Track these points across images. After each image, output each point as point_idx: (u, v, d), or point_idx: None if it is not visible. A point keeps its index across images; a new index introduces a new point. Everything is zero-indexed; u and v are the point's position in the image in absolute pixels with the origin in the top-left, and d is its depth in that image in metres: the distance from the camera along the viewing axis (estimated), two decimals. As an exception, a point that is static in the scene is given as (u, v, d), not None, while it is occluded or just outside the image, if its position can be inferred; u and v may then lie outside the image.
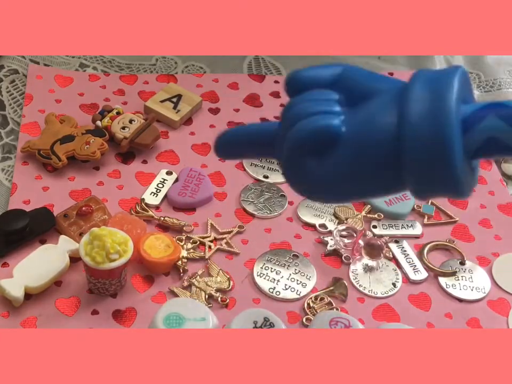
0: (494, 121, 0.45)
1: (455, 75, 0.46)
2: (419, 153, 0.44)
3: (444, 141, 0.44)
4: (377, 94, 0.49)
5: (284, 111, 0.51)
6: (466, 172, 0.46)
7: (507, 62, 1.02)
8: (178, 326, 0.61)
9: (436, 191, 0.47)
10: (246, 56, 0.98)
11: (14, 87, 0.89)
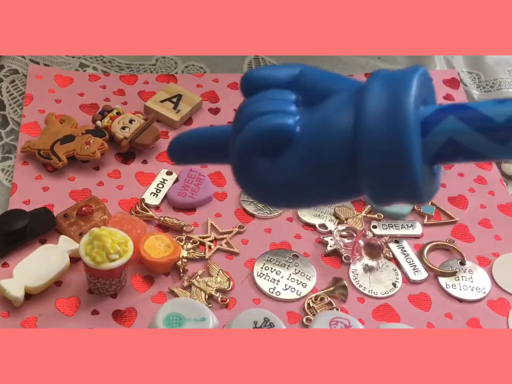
0: (455, 123, 0.43)
1: (414, 75, 0.44)
2: (376, 155, 0.42)
3: (401, 142, 0.42)
4: (334, 93, 0.47)
5: (236, 113, 0.48)
6: (425, 176, 0.44)
7: (507, 62, 1.02)
8: (178, 326, 0.61)
9: (393, 195, 0.44)
10: (246, 56, 0.98)
11: (14, 87, 0.89)
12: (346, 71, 0.98)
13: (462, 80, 0.99)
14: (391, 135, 0.42)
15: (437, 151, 0.43)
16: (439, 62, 1.01)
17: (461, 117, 0.42)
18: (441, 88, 0.97)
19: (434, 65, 1.01)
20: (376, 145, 0.42)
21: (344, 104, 0.45)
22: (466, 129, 0.42)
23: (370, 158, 0.42)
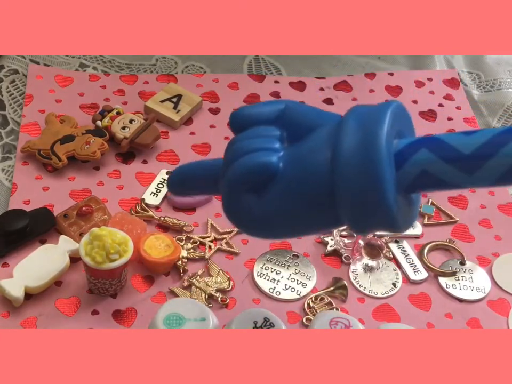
0: (425, 154, 0.45)
1: (387, 110, 0.46)
2: (352, 188, 0.45)
3: (375, 175, 0.44)
4: (315, 129, 0.49)
5: (226, 149, 0.51)
6: (401, 205, 0.46)
7: (507, 62, 1.02)
8: (178, 326, 0.61)
9: (371, 225, 0.47)
10: (246, 56, 0.98)
11: (14, 87, 0.89)
12: (346, 71, 0.98)
13: (462, 80, 0.99)
14: (365, 169, 0.44)
15: (411, 182, 0.46)
16: (439, 62, 1.01)
17: (432, 149, 0.45)
18: (441, 88, 0.97)
19: (434, 65, 1.01)
20: (351, 179, 0.45)
21: (322, 140, 0.47)
22: (437, 160, 0.45)
23: (347, 191, 0.45)
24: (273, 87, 0.94)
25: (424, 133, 0.92)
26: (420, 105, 0.94)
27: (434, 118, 0.93)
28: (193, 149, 0.85)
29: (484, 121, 0.94)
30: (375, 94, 0.95)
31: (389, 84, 0.97)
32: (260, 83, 0.94)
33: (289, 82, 0.95)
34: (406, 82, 0.97)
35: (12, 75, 0.90)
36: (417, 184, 0.47)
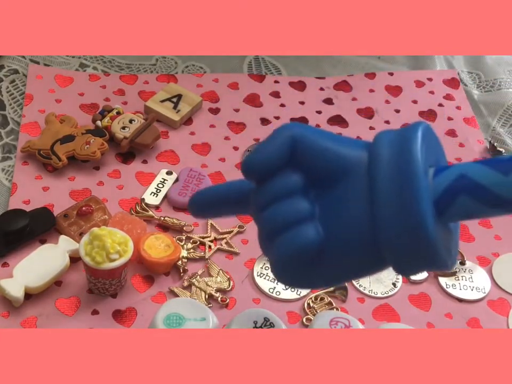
0: (467, 202, 0.45)
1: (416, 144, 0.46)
2: (397, 246, 0.45)
3: (419, 230, 0.44)
4: (341, 177, 0.48)
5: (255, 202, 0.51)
6: (445, 247, 0.47)
7: (507, 62, 1.02)
8: (178, 326, 0.61)
9: (418, 265, 0.47)
10: (246, 56, 0.98)
11: (14, 87, 0.89)
12: (346, 71, 0.98)
13: (462, 80, 0.99)
14: (409, 228, 0.44)
15: (453, 220, 0.48)
16: (439, 62, 1.01)
17: (474, 196, 0.45)
18: (441, 88, 0.97)
19: (434, 65, 1.01)
20: (395, 237, 0.45)
21: (356, 192, 0.47)
22: (481, 207, 0.45)
23: (393, 250, 0.46)
24: (273, 87, 0.94)
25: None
26: (420, 105, 0.94)
27: (434, 118, 0.93)
28: (193, 149, 0.85)
29: (484, 121, 0.94)
30: (375, 94, 0.95)
31: (389, 84, 0.97)
32: (260, 83, 0.94)
33: (289, 82, 0.95)
34: (406, 82, 0.97)
35: (12, 75, 0.90)
36: (460, 220, 0.48)
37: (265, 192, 0.50)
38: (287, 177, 0.49)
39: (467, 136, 0.91)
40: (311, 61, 0.99)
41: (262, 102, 0.92)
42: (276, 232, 0.49)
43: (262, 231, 0.50)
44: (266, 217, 0.50)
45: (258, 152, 0.50)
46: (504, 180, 0.44)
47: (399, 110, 0.93)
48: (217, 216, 0.60)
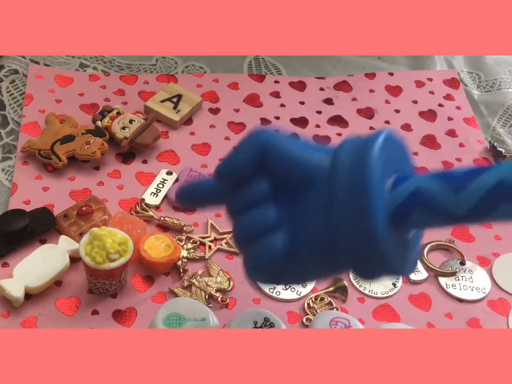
0: (421, 215, 0.48)
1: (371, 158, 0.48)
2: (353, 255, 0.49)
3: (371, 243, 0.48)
4: (306, 185, 0.51)
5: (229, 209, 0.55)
6: (399, 255, 0.50)
7: (507, 62, 1.02)
8: (178, 326, 0.61)
9: (372, 270, 0.51)
10: (246, 56, 0.98)
11: (14, 87, 0.89)
12: (346, 71, 0.98)
13: (462, 80, 0.99)
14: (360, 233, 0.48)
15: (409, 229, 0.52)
16: (439, 62, 1.01)
17: (428, 208, 0.48)
18: (441, 88, 0.97)
19: (434, 65, 1.01)
20: (349, 245, 0.49)
21: (319, 204, 0.50)
22: (434, 220, 0.49)
23: (348, 256, 0.49)
24: (273, 87, 0.94)
25: (424, 133, 0.92)
26: (420, 105, 0.94)
27: (434, 118, 0.93)
28: (193, 149, 0.84)
29: (484, 121, 0.94)
30: (375, 94, 0.95)
31: (389, 84, 0.97)
32: (260, 83, 0.94)
33: (289, 82, 0.95)
34: (406, 82, 0.97)
35: (12, 75, 0.90)
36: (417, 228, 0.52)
37: (237, 200, 0.54)
38: (257, 185, 0.53)
39: (467, 136, 0.91)
40: (311, 61, 0.99)
41: (262, 102, 0.92)
42: (246, 241, 0.54)
43: (235, 236, 0.55)
44: (237, 226, 0.54)
45: (229, 160, 0.54)
46: (455, 198, 0.47)
47: (399, 110, 0.93)
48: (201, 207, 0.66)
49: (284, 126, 0.89)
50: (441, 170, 0.51)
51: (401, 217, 0.49)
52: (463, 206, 0.47)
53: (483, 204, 0.47)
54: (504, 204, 0.46)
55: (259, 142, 0.53)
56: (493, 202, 0.46)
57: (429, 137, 0.90)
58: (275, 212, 0.52)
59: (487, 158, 0.88)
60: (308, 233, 0.51)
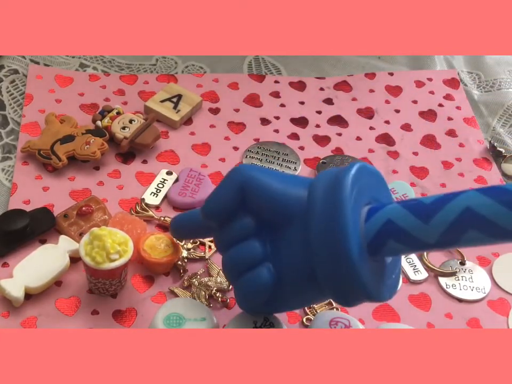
0: (395, 245, 0.52)
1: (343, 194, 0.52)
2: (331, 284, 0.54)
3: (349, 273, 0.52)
4: (286, 220, 0.56)
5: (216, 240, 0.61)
6: (377, 281, 0.54)
7: (507, 62, 1.02)
8: (178, 326, 0.61)
9: (350, 296, 0.55)
10: (246, 56, 0.98)
11: (14, 87, 0.89)
12: (346, 71, 0.98)
13: (462, 80, 0.99)
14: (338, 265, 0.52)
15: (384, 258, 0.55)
16: (439, 62, 1.01)
17: (400, 241, 0.52)
18: (441, 88, 0.97)
19: (434, 65, 1.01)
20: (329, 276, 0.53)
21: (298, 238, 0.55)
22: (405, 248, 0.53)
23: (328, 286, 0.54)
24: (273, 87, 0.94)
25: (424, 133, 0.92)
26: (420, 105, 0.94)
27: (434, 118, 0.93)
28: (193, 149, 0.85)
29: (484, 121, 0.94)
30: (375, 94, 0.95)
31: (389, 84, 0.97)
32: (260, 83, 0.94)
33: (289, 82, 0.95)
34: (406, 82, 0.97)
35: (12, 75, 0.90)
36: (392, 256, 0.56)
37: (223, 236, 0.59)
38: (241, 221, 0.57)
39: (467, 136, 0.91)
40: (311, 61, 0.99)
41: (262, 102, 0.92)
42: (235, 274, 0.58)
43: (224, 269, 0.60)
44: (226, 261, 0.59)
45: (212, 199, 0.59)
46: (425, 227, 0.50)
47: (399, 110, 0.93)
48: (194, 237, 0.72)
49: (283, 126, 0.89)
50: (411, 199, 0.55)
51: (376, 247, 0.52)
52: (433, 234, 0.50)
53: (451, 230, 0.49)
54: (472, 229, 0.48)
55: (240, 179, 0.57)
56: (461, 228, 0.49)
57: (429, 137, 0.90)
58: (259, 245, 0.57)
59: (487, 158, 0.88)
60: (291, 265, 0.55)
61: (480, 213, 0.48)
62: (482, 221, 0.48)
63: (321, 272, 0.54)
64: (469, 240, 0.49)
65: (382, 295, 0.55)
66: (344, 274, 0.52)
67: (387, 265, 0.56)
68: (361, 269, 0.51)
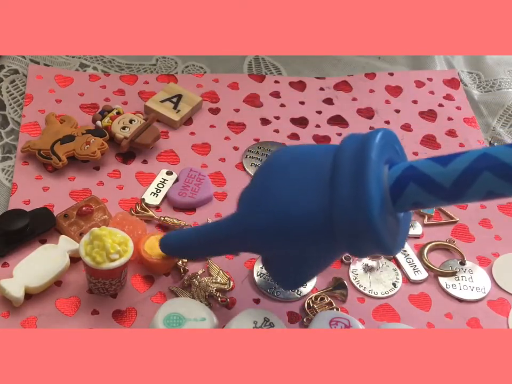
0: (414, 188, 0.54)
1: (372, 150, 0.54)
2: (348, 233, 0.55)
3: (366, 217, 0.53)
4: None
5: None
6: (390, 233, 0.55)
7: (507, 62, 1.02)
8: (178, 326, 0.61)
9: (365, 248, 0.56)
10: (246, 56, 0.98)
11: (14, 87, 0.89)
12: (346, 71, 0.98)
13: (462, 80, 0.99)
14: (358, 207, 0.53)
15: (405, 209, 0.57)
16: (439, 62, 1.01)
17: (419, 183, 0.54)
18: (441, 88, 0.97)
19: (434, 65, 1.01)
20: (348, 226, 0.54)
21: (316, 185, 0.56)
22: (425, 194, 0.54)
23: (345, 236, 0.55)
24: (273, 87, 0.94)
25: (424, 133, 0.92)
26: (420, 105, 0.94)
27: (434, 118, 0.93)
28: (193, 149, 0.85)
29: (484, 121, 0.94)
30: (375, 94, 0.95)
31: (389, 84, 0.97)
32: (260, 83, 0.94)
33: (289, 82, 0.95)
34: (406, 82, 0.97)
35: (12, 75, 0.90)
36: (411, 208, 0.57)
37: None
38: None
39: (467, 136, 0.91)
40: (311, 61, 0.99)
41: (262, 102, 0.92)
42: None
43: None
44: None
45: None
46: (443, 170, 0.53)
47: (399, 110, 0.93)
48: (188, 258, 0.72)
49: (284, 126, 0.89)
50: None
51: (396, 193, 0.54)
52: (450, 177, 0.52)
53: (468, 172, 0.52)
54: (486, 171, 0.51)
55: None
56: (477, 170, 0.51)
57: (429, 137, 0.90)
58: None
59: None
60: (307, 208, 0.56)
61: (496, 156, 0.51)
62: (497, 163, 0.51)
63: (341, 217, 0.54)
64: (482, 184, 0.52)
65: (393, 249, 0.57)
66: (363, 222, 0.53)
67: (401, 221, 0.58)
68: (379, 218, 0.53)
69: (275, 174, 0.59)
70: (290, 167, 0.58)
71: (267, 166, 0.61)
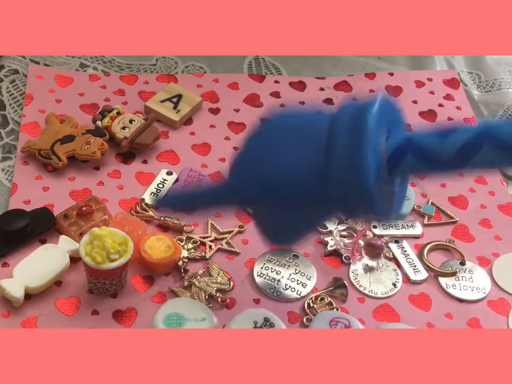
0: (411, 160, 0.53)
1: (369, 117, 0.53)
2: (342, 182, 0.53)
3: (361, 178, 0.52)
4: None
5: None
6: (385, 199, 0.55)
7: (507, 62, 1.02)
8: (178, 326, 0.61)
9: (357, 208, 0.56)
10: (246, 56, 0.98)
11: (14, 87, 0.89)
12: (346, 71, 0.98)
13: (462, 80, 0.99)
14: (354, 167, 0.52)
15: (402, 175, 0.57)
16: (439, 62, 1.01)
17: (416, 155, 0.53)
18: (441, 88, 0.97)
19: (434, 65, 1.01)
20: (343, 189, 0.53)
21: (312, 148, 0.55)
22: (422, 166, 0.53)
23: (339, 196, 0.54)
24: (273, 87, 0.94)
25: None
26: (420, 105, 0.94)
27: (434, 118, 0.93)
28: (193, 149, 0.85)
29: (484, 121, 0.94)
30: (375, 94, 0.95)
31: (389, 84, 0.97)
32: (260, 83, 0.94)
33: (289, 82, 0.95)
34: (406, 82, 0.97)
35: (12, 75, 0.90)
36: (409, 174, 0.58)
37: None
38: None
39: (467, 136, 0.91)
40: (311, 61, 0.99)
41: (262, 102, 0.92)
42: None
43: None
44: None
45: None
46: (441, 141, 0.52)
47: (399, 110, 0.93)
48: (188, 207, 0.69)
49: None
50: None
51: (394, 162, 0.53)
52: (450, 148, 0.51)
53: (468, 146, 0.51)
54: (487, 144, 0.50)
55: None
56: (477, 144, 0.50)
57: (429, 137, 0.90)
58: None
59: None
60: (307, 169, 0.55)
61: (496, 130, 0.50)
62: (498, 139, 0.50)
63: (337, 179, 0.54)
64: (483, 157, 0.51)
65: (387, 214, 0.57)
66: (359, 186, 0.52)
67: (396, 190, 0.57)
68: (374, 181, 0.52)
69: (269, 141, 0.58)
70: (284, 133, 0.58)
71: (260, 133, 0.60)
